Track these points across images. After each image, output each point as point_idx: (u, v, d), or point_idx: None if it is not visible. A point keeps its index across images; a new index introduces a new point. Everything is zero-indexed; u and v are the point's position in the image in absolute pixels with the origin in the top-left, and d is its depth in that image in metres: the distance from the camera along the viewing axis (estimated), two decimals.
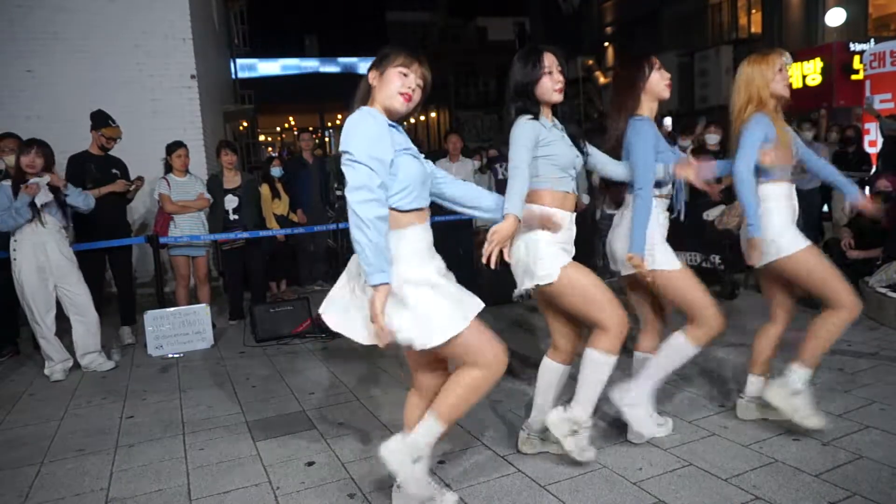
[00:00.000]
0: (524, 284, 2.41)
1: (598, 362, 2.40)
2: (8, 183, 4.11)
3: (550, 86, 2.37)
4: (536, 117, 2.37)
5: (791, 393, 2.64)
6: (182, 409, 3.57)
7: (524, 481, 2.50)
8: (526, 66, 2.38)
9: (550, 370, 2.62)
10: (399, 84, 2.00)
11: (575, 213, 2.51)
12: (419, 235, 2.05)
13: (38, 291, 4.19)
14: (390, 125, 2.01)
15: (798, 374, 2.66)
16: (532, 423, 2.68)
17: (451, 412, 2.08)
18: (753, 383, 2.90)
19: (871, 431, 2.69)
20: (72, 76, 7.08)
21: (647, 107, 2.64)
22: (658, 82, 2.62)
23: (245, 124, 16.53)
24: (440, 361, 2.22)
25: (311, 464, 2.76)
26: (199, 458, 2.89)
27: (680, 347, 2.63)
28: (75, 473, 2.81)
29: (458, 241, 6.55)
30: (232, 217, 5.58)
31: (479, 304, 2.10)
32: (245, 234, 5.53)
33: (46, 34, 7.02)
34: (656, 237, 2.60)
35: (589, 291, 2.35)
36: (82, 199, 4.36)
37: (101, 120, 5.04)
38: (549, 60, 2.37)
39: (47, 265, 4.20)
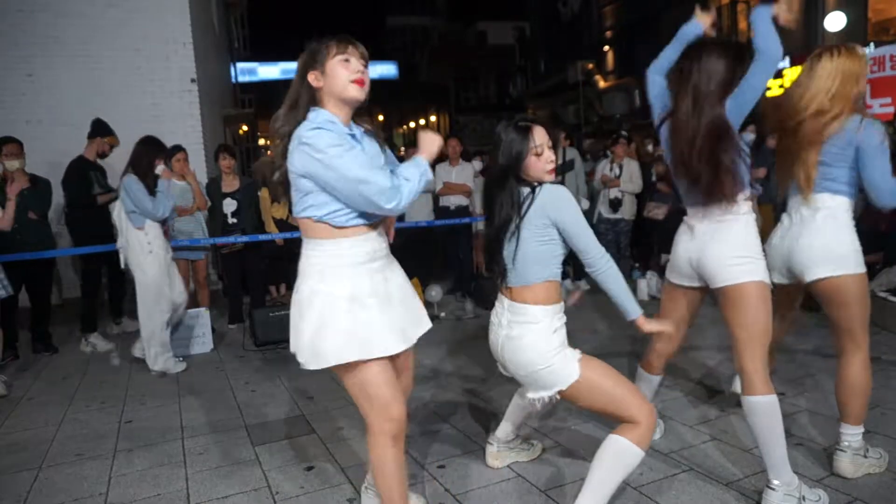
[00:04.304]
0: (541, 394, 2.12)
1: (625, 452, 2.03)
2: (134, 176, 4.23)
3: (541, 167, 2.08)
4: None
5: (857, 456, 2.43)
6: (181, 413, 3.56)
7: (524, 486, 2.49)
8: (514, 139, 2.09)
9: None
10: (347, 73, 1.85)
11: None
12: (346, 249, 1.89)
13: (164, 287, 4.31)
14: (349, 134, 1.88)
15: (851, 436, 2.43)
16: (500, 435, 2.66)
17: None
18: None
19: (872, 436, 2.68)
20: (72, 80, 7.10)
21: None
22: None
23: (245, 128, 16.55)
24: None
25: (310, 468, 2.76)
26: (198, 463, 2.88)
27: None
28: (74, 478, 2.80)
29: (457, 246, 6.56)
30: (230, 221, 5.58)
31: (397, 346, 1.92)
32: (244, 238, 5.53)
33: (47, 38, 7.04)
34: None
35: (603, 385, 2.08)
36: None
37: (104, 128, 5.26)
38: (540, 137, 2.08)
39: (168, 262, 4.41)
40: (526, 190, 2.08)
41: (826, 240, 2.34)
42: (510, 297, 2.16)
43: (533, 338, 2.09)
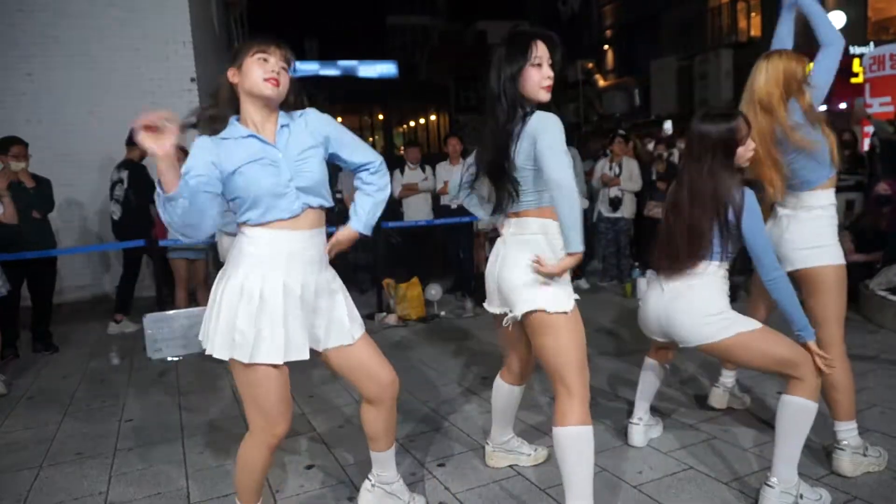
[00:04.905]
0: (523, 307, 2.03)
1: (575, 437, 2.00)
2: None
3: (538, 80, 2.01)
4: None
5: (856, 455, 2.43)
6: (181, 412, 3.56)
7: (524, 485, 2.50)
8: (512, 53, 2.02)
9: (503, 392, 2.57)
10: (261, 71, 1.87)
11: None
12: (260, 241, 1.89)
13: None
14: (250, 135, 1.88)
15: (845, 432, 2.44)
16: (494, 436, 2.65)
17: (239, 486, 2.09)
18: (727, 375, 3.10)
19: (871, 435, 2.68)
20: (72, 80, 7.09)
21: None
22: None
23: None
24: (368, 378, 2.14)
25: (310, 467, 2.76)
26: (198, 462, 2.89)
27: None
28: (74, 477, 2.80)
29: (458, 244, 6.56)
30: None
31: (286, 355, 1.93)
32: None
33: (47, 38, 7.03)
34: None
35: (575, 344, 2.03)
36: None
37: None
38: (541, 51, 2.03)
39: None
40: (518, 114, 2.00)
41: (807, 232, 2.43)
42: (516, 216, 2.10)
43: (537, 246, 2.04)
